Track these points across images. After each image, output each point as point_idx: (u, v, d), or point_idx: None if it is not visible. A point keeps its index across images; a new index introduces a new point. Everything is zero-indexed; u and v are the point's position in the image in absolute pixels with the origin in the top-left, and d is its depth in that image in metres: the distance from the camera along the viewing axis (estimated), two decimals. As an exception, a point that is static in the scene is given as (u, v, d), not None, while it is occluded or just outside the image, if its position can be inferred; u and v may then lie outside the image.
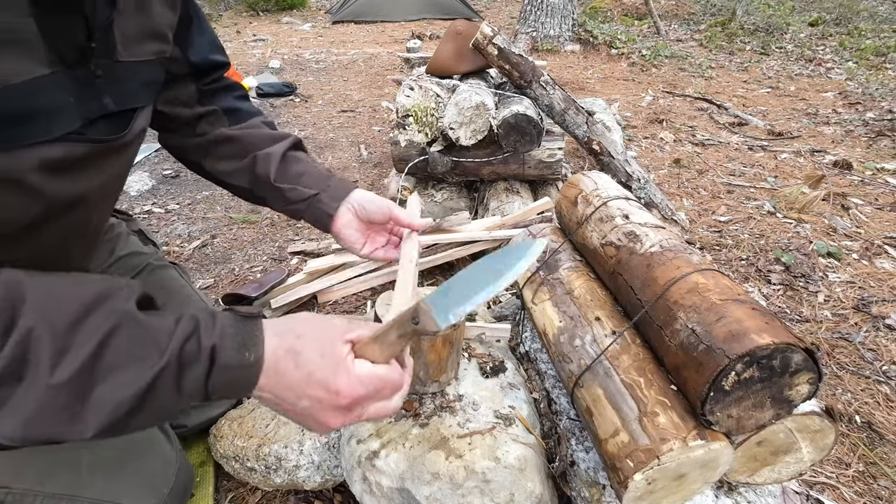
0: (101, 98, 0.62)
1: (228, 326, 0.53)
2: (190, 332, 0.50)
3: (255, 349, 0.52)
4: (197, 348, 0.50)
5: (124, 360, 0.47)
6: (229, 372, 0.51)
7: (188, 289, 1.07)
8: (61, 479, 0.73)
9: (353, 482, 0.90)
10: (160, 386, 0.48)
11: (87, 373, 0.45)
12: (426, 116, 2.03)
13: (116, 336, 0.47)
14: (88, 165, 0.63)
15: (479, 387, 1.00)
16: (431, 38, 6.46)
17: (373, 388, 0.56)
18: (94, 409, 0.46)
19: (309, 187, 0.88)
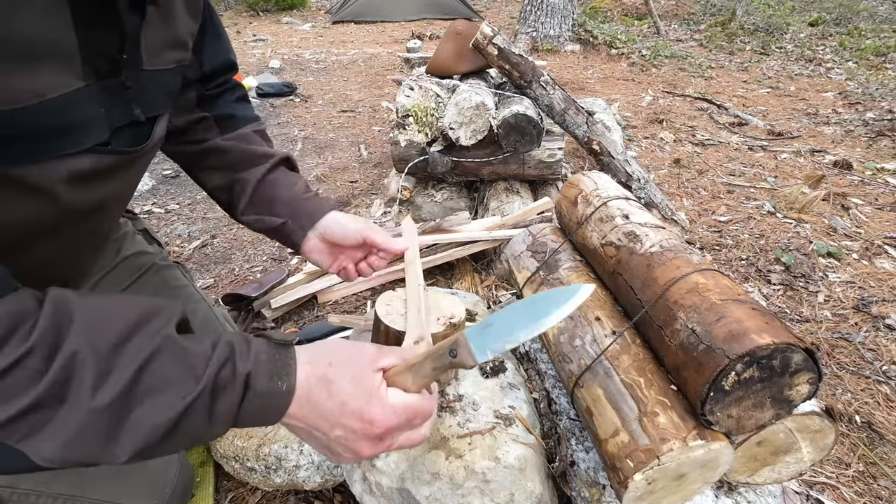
0: (132, 108, 0.63)
1: (262, 353, 0.52)
2: (226, 359, 0.50)
3: (288, 378, 0.52)
4: (232, 375, 0.50)
5: (162, 384, 0.47)
6: (261, 400, 0.51)
7: (191, 289, 1.07)
8: (65, 480, 0.73)
9: (353, 482, 0.90)
10: (194, 411, 0.48)
11: (126, 396, 0.45)
12: (426, 116, 2.03)
13: (156, 360, 0.47)
14: (111, 175, 0.64)
15: (479, 387, 1.00)
16: (431, 38, 6.46)
17: (405, 417, 0.55)
18: (130, 433, 0.46)
19: (277, 215, 0.88)
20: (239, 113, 0.94)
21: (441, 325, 0.91)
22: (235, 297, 1.63)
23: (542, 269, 1.12)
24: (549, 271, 1.10)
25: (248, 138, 0.93)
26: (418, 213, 2.14)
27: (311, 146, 3.26)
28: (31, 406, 0.42)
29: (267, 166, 0.90)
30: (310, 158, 3.07)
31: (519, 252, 1.22)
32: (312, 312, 1.66)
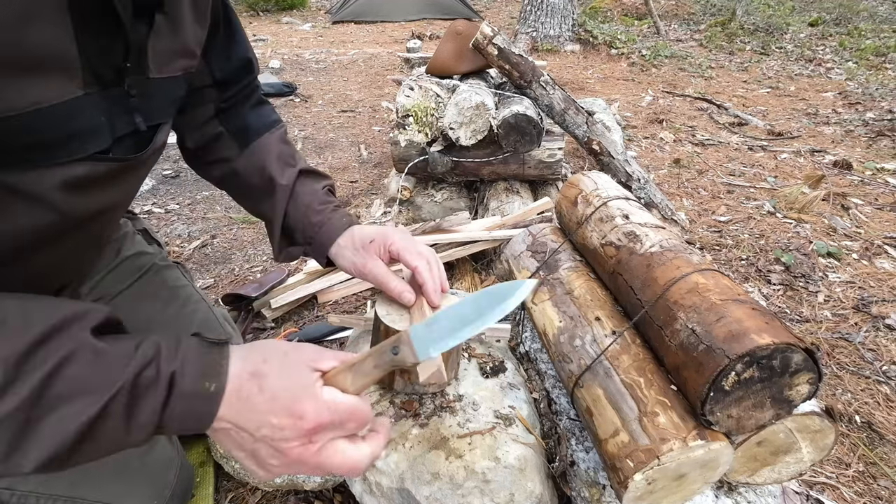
0: (133, 116, 0.62)
1: (192, 352, 0.50)
2: (150, 359, 0.48)
3: (218, 379, 0.50)
4: (155, 375, 0.47)
5: (75, 389, 0.44)
6: (187, 401, 0.48)
7: (191, 289, 1.07)
8: (64, 481, 0.73)
9: (353, 482, 0.90)
10: (109, 416, 0.45)
11: (33, 404, 0.43)
12: (426, 116, 2.03)
13: (69, 365, 0.45)
14: (108, 182, 0.63)
15: (479, 387, 1.00)
16: (431, 38, 6.46)
17: (338, 416, 0.52)
18: (37, 442, 0.43)
19: (298, 244, 0.89)
20: (253, 122, 0.92)
21: (441, 325, 0.91)
22: (235, 297, 1.63)
23: (542, 269, 1.12)
24: (549, 271, 1.10)
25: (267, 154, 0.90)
26: (418, 213, 2.14)
27: (311, 146, 3.26)
28: None
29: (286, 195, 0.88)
30: (310, 158, 3.07)
31: (519, 252, 1.22)
32: (312, 312, 1.66)
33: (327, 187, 0.93)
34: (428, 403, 0.95)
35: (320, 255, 0.87)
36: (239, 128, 0.91)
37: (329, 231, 0.86)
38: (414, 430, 0.90)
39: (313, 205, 0.88)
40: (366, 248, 0.82)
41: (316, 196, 0.89)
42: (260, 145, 0.91)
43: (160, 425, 0.48)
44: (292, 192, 0.88)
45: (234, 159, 0.90)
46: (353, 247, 0.84)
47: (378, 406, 0.96)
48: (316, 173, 0.94)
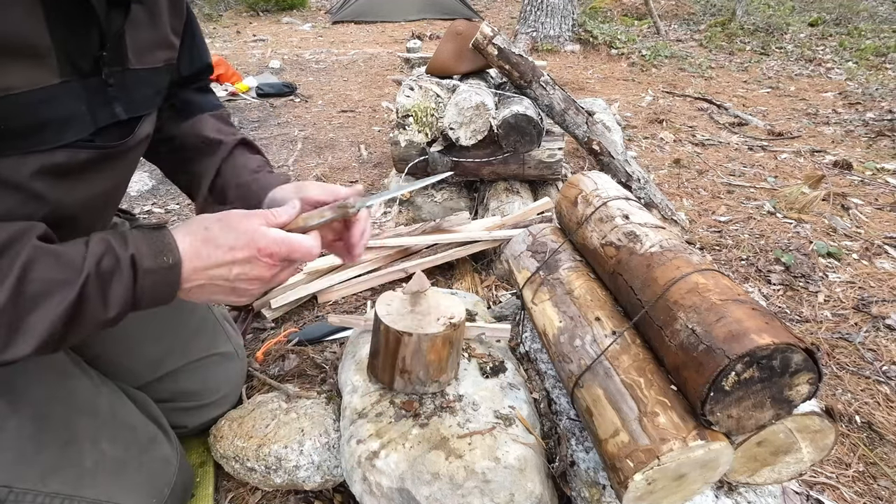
0: (113, 106, 0.64)
1: (139, 239, 0.57)
2: (103, 251, 0.55)
3: (171, 253, 0.58)
4: (115, 261, 0.54)
5: (46, 287, 0.51)
6: (152, 276, 0.56)
7: None
8: (63, 479, 0.73)
9: (353, 482, 0.90)
10: (87, 301, 0.53)
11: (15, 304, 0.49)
12: (426, 116, 2.03)
13: (34, 268, 0.51)
14: (92, 170, 0.65)
15: (479, 387, 1.00)
16: (431, 38, 6.46)
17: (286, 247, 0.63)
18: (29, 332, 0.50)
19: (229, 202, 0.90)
20: (197, 100, 0.94)
21: (441, 325, 0.91)
22: (235, 297, 1.62)
23: (542, 269, 1.12)
24: (549, 271, 1.10)
25: (205, 124, 0.93)
26: (418, 213, 2.14)
27: (311, 146, 3.26)
28: None
29: (222, 155, 0.91)
30: (310, 158, 3.07)
31: (519, 252, 1.22)
32: (312, 312, 1.66)
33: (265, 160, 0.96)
34: (428, 403, 0.95)
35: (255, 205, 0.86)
36: (182, 101, 0.93)
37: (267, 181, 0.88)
38: (414, 431, 0.90)
39: (251, 166, 0.92)
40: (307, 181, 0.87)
41: (255, 161, 0.93)
42: (200, 119, 0.93)
43: (135, 301, 0.56)
44: (230, 153, 0.92)
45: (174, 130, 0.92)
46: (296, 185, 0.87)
47: (378, 406, 0.96)
48: (256, 147, 0.97)
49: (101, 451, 0.78)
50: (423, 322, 0.91)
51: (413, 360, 0.91)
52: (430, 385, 0.95)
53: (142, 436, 0.85)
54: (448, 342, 0.91)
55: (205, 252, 0.59)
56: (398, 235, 1.76)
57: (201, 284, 0.61)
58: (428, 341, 0.89)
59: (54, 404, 0.76)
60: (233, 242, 0.60)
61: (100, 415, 0.81)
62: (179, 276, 0.58)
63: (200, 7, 8.83)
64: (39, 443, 0.72)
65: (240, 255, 0.60)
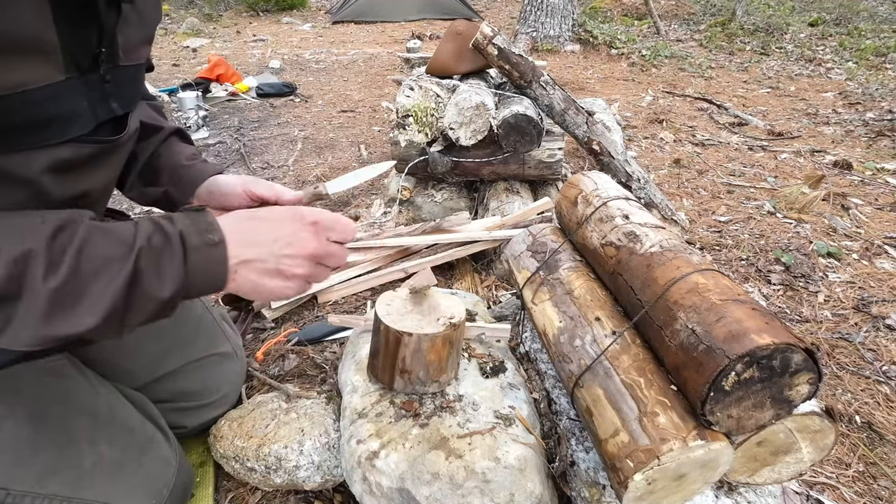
0: (109, 102, 0.66)
1: (183, 219, 0.59)
2: (152, 229, 0.57)
3: (216, 232, 0.60)
4: (165, 238, 0.56)
5: (103, 263, 0.53)
6: (200, 253, 0.58)
7: None
8: (61, 481, 0.73)
9: (353, 482, 0.90)
10: (143, 274, 0.54)
11: (75, 276, 0.52)
12: (426, 116, 2.03)
13: (90, 244, 0.53)
14: (91, 165, 0.67)
15: (479, 387, 1.00)
16: (431, 38, 6.46)
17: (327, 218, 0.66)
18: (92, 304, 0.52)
19: (160, 185, 0.92)
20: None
21: (441, 325, 0.91)
22: (235, 297, 1.63)
23: (542, 269, 1.12)
24: (549, 271, 1.10)
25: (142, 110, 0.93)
26: (418, 213, 2.14)
27: (311, 146, 3.26)
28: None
29: (159, 139, 0.92)
30: (310, 158, 3.07)
31: (519, 252, 1.22)
32: (312, 312, 1.66)
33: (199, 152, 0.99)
34: (428, 403, 0.95)
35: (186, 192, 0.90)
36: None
37: (204, 169, 0.91)
38: (414, 430, 0.90)
39: (186, 153, 0.94)
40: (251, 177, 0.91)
41: (189, 149, 0.96)
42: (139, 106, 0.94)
43: (187, 280, 0.57)
44: (167, 138, 0.94)
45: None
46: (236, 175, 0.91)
47: (378, 406, 0.96)
48: (190, 139, 1.00)
49: (99, 452, 0.78)
50: (423, 322, 0.91)
51: (413, 360, 0.91)
52: (430, 385, 0.95)
53: (140, 437, 0.85)
54: (448, 342, 0.91)
55: (248, 226, 0.62)
56: (398, 235, 1.76)
57: (247, 261, 0.61)
58: (428, 341, 0.89)
59: (52, 405, 0.76)
60: (276, 216, 0.63)
61: (98, 416, 0.81)
62: (226, 253, 0.59)
63: (200, 7, 8.83)
64: (37, 444, 0.72)
65: (285, 227, 0.63)
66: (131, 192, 0.94)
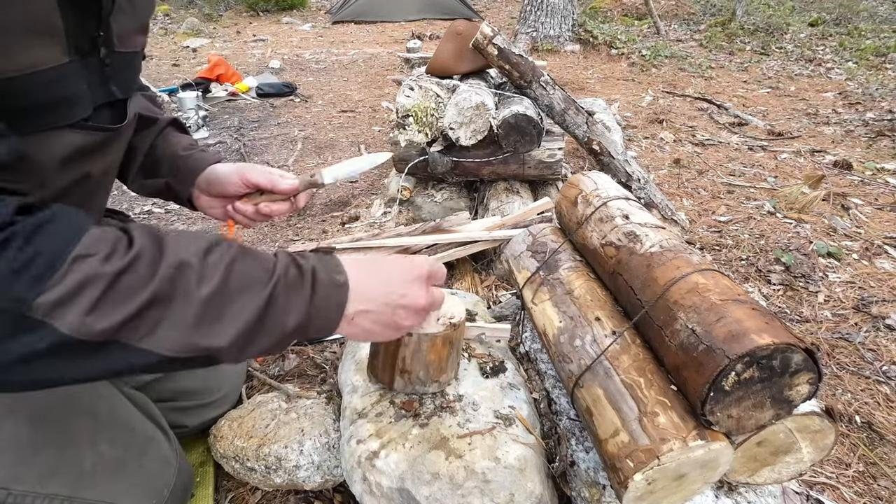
0: (109, 85, 0.67)
1: (315, 258, 0.63)
2: (290, 261, 0.60)
3: (342, 273, 0.63)
4: (299, 272, 0.59)
5: (247, 280, 0.56)
6: (326, 290, 0.60)
7: None
8: (61, 481, 0.72)
9: (353, 482, 0.90)
10: (275, 302, 0.56)
11: (223, 290, 0.54)
12: (426, 116, 2.03)
13: (237, 263, 0.56)
14: (96, 151, 0.68)
15: (479, 387, 1.00)
16: (431, 38, 6.46)
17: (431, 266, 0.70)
18: (231, 320, 0.54)
19: (161, 176, 0.93)
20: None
21: (441, 325, 0.91)
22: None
23: (542, 269, 1.12)
24: (549, 271, 1.10)
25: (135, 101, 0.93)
26: (418, 213, 2.14)
27: (311, 146, 3.26)
28: (148, 302, 0.50)
29: (156, 131, 0.93)
30: (310, 158, 3.07)
31: (519, 252, 1.22)
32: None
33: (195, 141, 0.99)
34: (428, 403, 0.95)
35: (187, 182, 0.92)
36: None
37: (202, 159, 0.92)
38: (414, 430, 0.90)
39: (183, 143, 0.95)
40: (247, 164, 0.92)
41: (186, 140, 0.97)
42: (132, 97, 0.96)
43: (308, 317, 0.59)
44: (164, 130, 0.94)
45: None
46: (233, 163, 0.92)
47: (378, 406, 0.96)
48: (186, 129, 1.00)
49: (99, 452, 0.77)
50: (424, 322, 0.91)
51: (413, 360, 0.91)
52: (430, 385, 0.95)
53: (141, 436, 0.85)
54: (448, 342, 0.91)
55: (368, 272, 0.65)
56: (398, 235, 1.76)
57: (366, 311, 0.64)
58: (428, 341, 0.89)
59: (52, 405, 0.76)
60: (392, 264, 0.67)
61: (98, 416, 0.81)
62: (346, 296, 0.62)
63: (200, 7, 8.83)
64: (37, 444, 0.72)
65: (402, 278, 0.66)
66: (133, 185, 0.95)
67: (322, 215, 2.39)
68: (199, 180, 0.91)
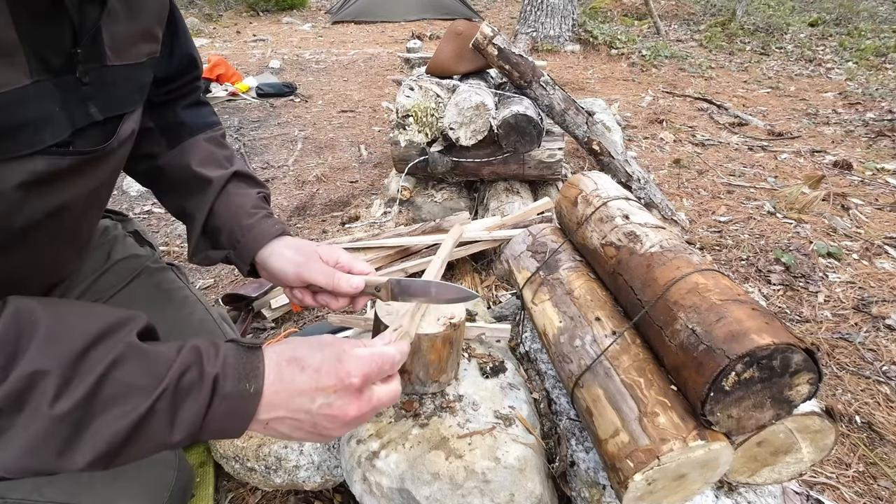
0: (87, 106, 0.60)
1: (231, 357, 0.53)
2: (191, 362, 0.50)
3: (256, 381, 0.53)
4: (198, 377, 0.50)
5: (125, 389, 0.47)
6: (229, 402, 0.51)
7: (186, 290, 1.04)
8: (59, 486, 0.71)
9: (353, 482, 0.90)
10: (155, 416, 0.48)
11: (88, 403, 0.45)
12: (426, 116, 2.03)
13: (119, 367, 0.47)
14: (73, 176, 0.61)
15: (479, 387, 1.00)
16: (431, 38, 6.46)
17: (376, 364, 0.58)
18: (89, 440, 0.45)
19: (221, 248, 0.85)
20: (188, 120, 0.88)
21: (441, 325, 0.91)
22: (235, 297, 1.63)
23: (542, 269, 1.12)
24: (549, 271, 1.10)
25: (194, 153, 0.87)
26: (418, 213, 2.14)
27: (311, 146, 3.26)
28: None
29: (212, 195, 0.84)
30: (310, 158, 3.07)
31: (519, 252, 1.22)
32: (313, 312, 1.66)
33: (262, 195, 0.90)
34: (428, 403, 0.95)
35: (245, 259, 0.83)
36: (170, 124, 0.87)
37: (260, 234, 0.83)
38: (414, 431, 0.90)
39: (245, 207, 0.85)
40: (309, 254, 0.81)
41: (249, 199, 0.87)
42: (190, 144, 0.87)
43: (202, 426, 0.50)
44: (222, 190, 0.86)
45: (161, 156, 0.86)
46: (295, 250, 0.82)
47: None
48: (252, 178, 0.90)
49: None
50: (423, 322, 0.91)
51: (413, 360, 0.91)
52: (430, 385, 0.95)
53: None
54: (448, 342, 0.91)
55: (288, 375, 0.54)
56: (398, 235, 1.76)
57: (281, 417, 0.54)
58: (428, 341, 0.89)
59: None
60: (318, 364, 0.55)
61: None
62: (256, 407, 0.52)
63: (200, 7, 8.83)
64: None
65: (325, 381, 0.55)
66: (196, 258, 0.87)
67: (322, 215, 2.39)
68: (258, 259, 0.83)
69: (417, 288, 0.79)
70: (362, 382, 0.57)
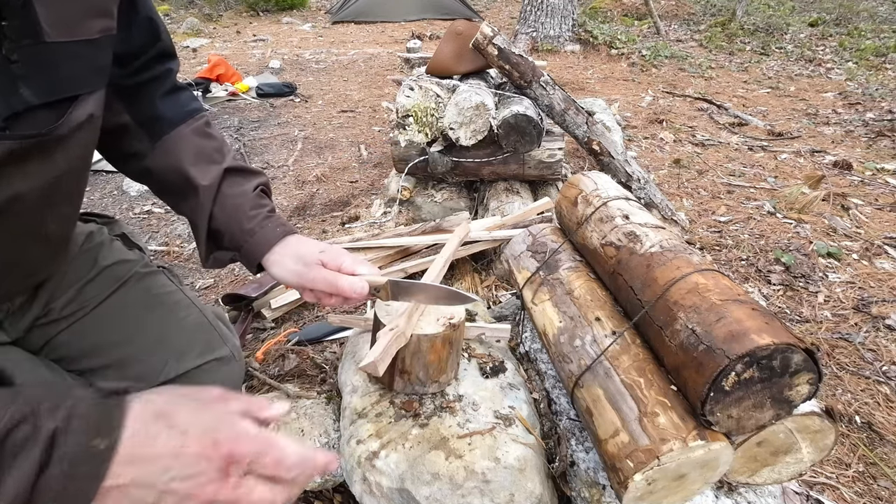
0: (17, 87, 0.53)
1: (81, 406, 0.42)
2: (24, 415, 0.40)
3: (110, 435, 0.41)
4: (31, 432, 0.40)
5: None
6: (69, 464, 0.40)
7: (179, 294, 0.98)
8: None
9: (353, 482, 0.90)
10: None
11: None
12: (426, 116, 2.03)
13: None
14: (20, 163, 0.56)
15: (479, 387, 1.00)
16: (431, 38, 6.46)
17: (256, 446, 0.46)
18: None
19: (226, 249, 0.84)
20: (166, 112, 0.83)
21: (441, 325, 0.91)
22: (235, 297, 1.63)
23: (542, 269, 1.12)
24: (549, 271, 1.10)
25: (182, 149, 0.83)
26: (418, 213, 2.14)
27: (311, 146, 3.26)
28: None
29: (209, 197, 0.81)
30: (310, 158, 3.07)
31: (519, 252, 1.22)
32: (312, 312, 1.66)
33: (259, 187, 0.87)
34: (428, 403, 0.95)
35: (251, 263, 0.82)
36: (148, 118, 0.82)
37: (263, 239, 0.81)
38: (414, 431, 0.90)
39: (244, 208, 0.82)
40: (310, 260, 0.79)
41: (246, 199, 0.83)
42: (174, 139, 0.82)
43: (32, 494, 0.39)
44: (217, 192, 0.82)
45: (147, 155, 0.83)
46: (297, 257, 0.80)
47: (378, 406, 0.96)
48: (246, 170, 0.87)
49: None
50: (423, 322, 0.91)
51: (413, 360, 0.91)
52: (430, 385, 0.95)
53: None
54: (448, 342, 0.91)
55: (153, 430, 0.43)
56: (398, 235, 1.76)
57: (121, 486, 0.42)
58: (428, 342, 0.89)
59: None
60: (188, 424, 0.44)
61: None
62: (107, 469, 0.41)
63: (200, 7, 8.83)
64: None
65: (189, 447, 0.43)
66: (208, 263, 0.86)
67: (322, 215, 2.39)
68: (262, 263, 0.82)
69: (416, 288, 0.79)
70: (230, 460, 0.44)
